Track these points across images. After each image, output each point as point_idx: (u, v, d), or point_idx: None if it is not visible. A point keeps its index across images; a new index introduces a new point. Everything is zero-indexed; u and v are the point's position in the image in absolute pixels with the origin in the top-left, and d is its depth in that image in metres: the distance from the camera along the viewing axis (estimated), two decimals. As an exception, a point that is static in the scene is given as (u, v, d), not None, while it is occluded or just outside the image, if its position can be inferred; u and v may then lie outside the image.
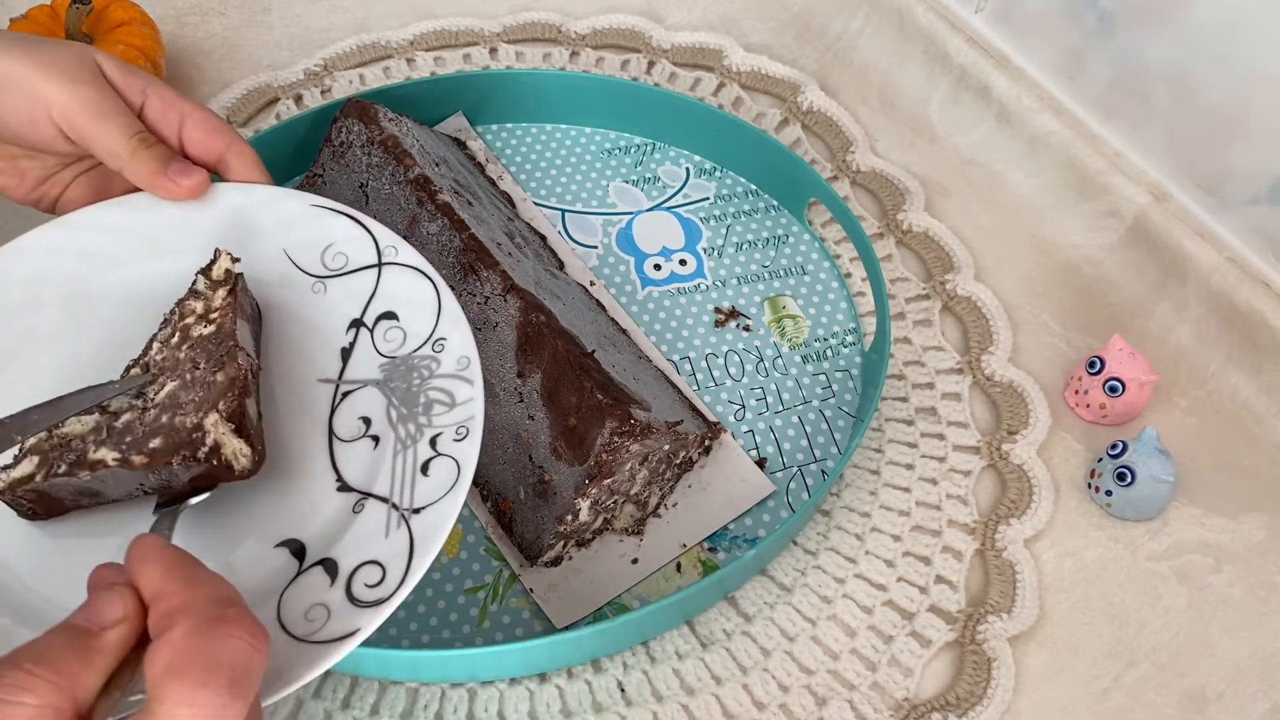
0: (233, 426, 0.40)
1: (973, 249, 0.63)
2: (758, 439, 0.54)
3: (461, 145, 0.64)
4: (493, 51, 0.71)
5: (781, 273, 0.61)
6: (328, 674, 0.46)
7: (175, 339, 0.43)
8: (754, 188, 0.65)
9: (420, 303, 0.46)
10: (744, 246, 0.62)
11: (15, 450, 0.40)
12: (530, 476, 0.48)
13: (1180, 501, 0.54)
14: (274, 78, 0.68)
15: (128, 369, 0.43)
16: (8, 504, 0.41)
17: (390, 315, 0.46)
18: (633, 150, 0.66)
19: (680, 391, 0.55)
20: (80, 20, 0.60)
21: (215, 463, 0.39)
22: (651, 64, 0.71)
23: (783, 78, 0.71)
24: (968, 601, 0.50)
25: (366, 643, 0.37)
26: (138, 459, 0.39)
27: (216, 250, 0.45)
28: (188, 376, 0.42)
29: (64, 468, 0.39)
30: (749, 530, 0.51)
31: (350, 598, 0.38)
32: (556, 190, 0.64)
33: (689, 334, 0.58)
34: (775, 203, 0.64)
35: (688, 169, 0.65)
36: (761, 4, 0.76)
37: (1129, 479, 0.51)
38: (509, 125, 0.67)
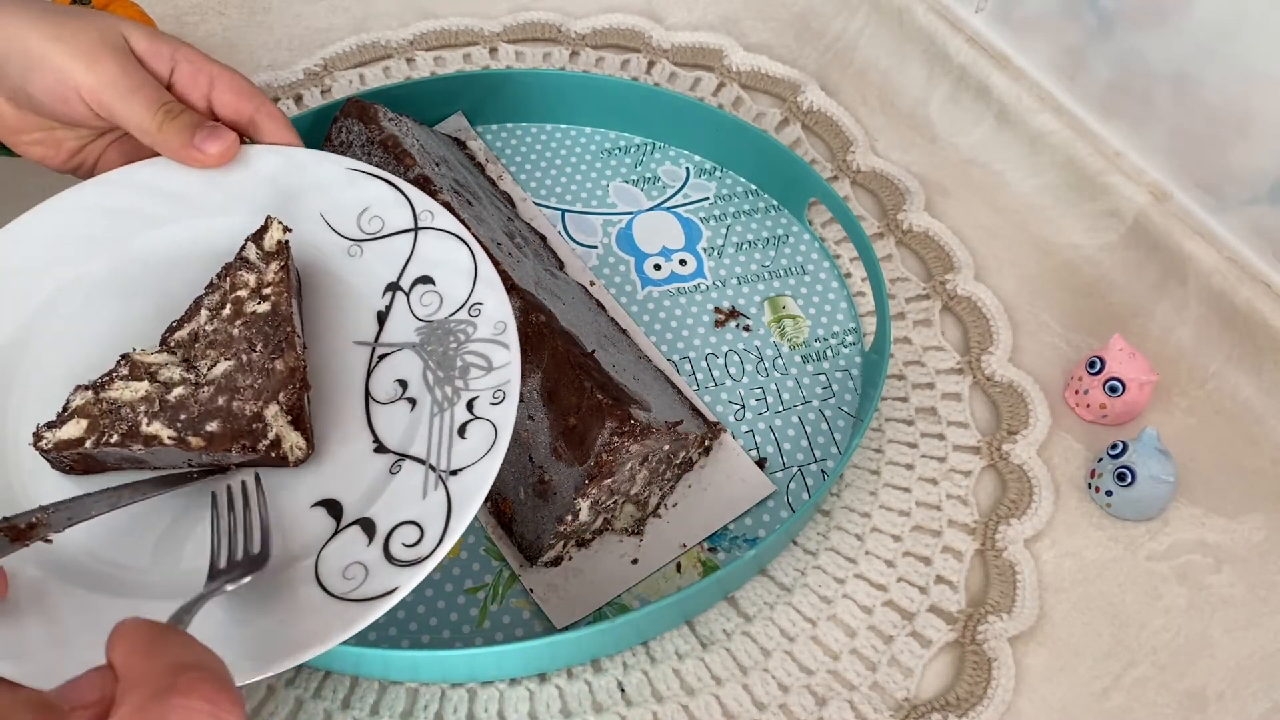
0: (291, 419, 0.41)
1: (973, 249, 0.63)
2: (758, 439, 0.54)
3: (461, 145, 0.64)
4: (493, 51, 0.71)
5: (781, 273, 0.61)
6: (328, 674, 0.46)
7: (227, 311, 0.43)
8: (754, 188, 0.65)
9: (457, 267, 0.46)
10: (744, 246, 0.62)
11: (60, 409, 0.41)
12: (530, 476, 0.48)
13: (1180, 501, 0.54)
14: (274, 77, 0.68)
15: (170, 329, 0.43)
16: (48, 460, 0.41)
17: (427, 279, 0.46)
18: (633, 150, 0.66)
19: (680, 391, 0.55)
20: (80, 20, 0.60)
21: (274, 455, 0.40)
22: (651, 64, 0.71)
23: (783, 77, 0.71)
24: (968, 602, 0.50)
25: (365, 641, 0.37)
26: (195, 441, 0.40)
27: (268, 218, 0.45)
28: (244, 358, 0.42)
29: (115, 437, 0.39)
30: (749, 530, 0.51)
31: (388, 556, 0.38)
32: (556, 190, 0.64)
33: (689, 334, 0.58)
34: (775, 203, 0.64)
35: (688, 169, 0.65)
36: (761, 4, 0.76)
37: (1129, 479, 0.51)
38: (509, 125, 0.67)
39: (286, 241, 0.45)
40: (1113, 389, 0.54)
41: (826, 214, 0.63)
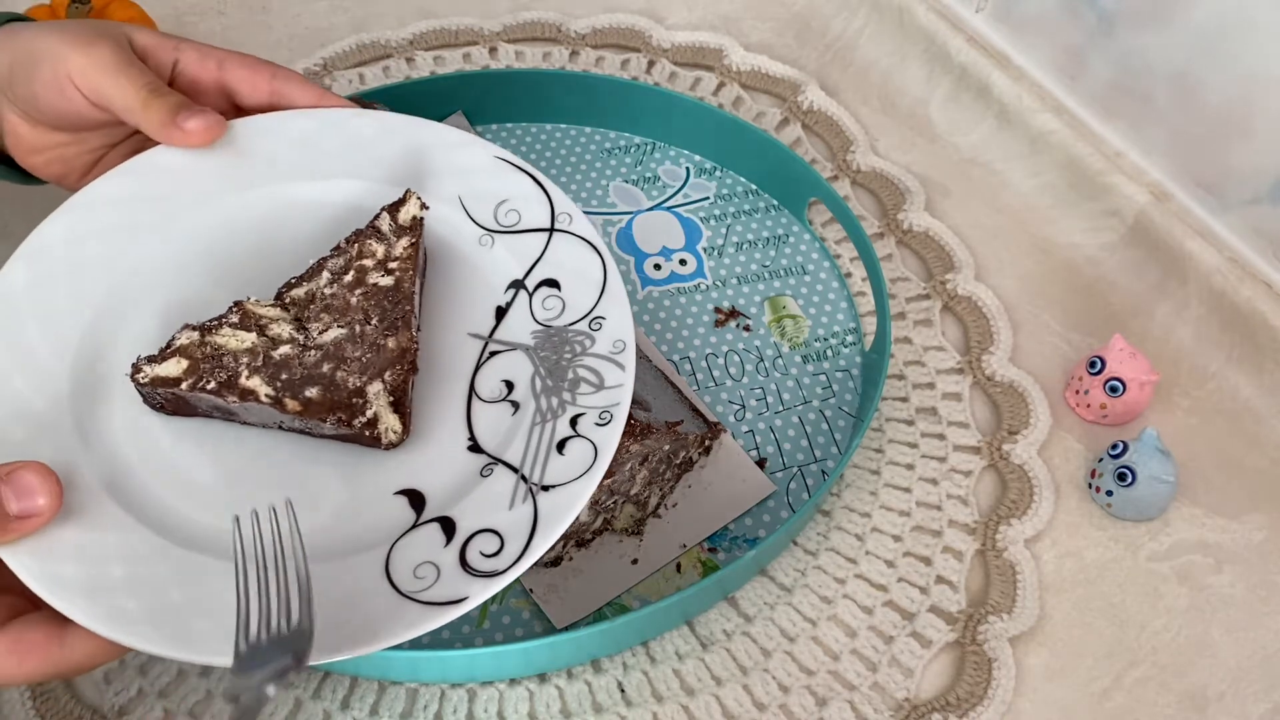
0: (393, 400, 0.40)
1: (973, 249, 0.63)
2: (758, 439, 0.54)
3: (461, 145, 0.64)
4: (492, 51, 0.71)
5: (782, 272, 0.61)
6: (326, 674, 0.46)
7: (349, 278, 0.42)
8: (754, 187, 0.65)
9: (585, 276, 0.45)
10: (744, 246, 0.62)
11: (163, 344, 0.40)
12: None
13: (1181, 502, 0.54)
14: (273, 77, 0.68)
15: (288, 285, 0.42)
16: (141, 393, 0.40)
17: (552, 283, 0.45)
18: (633, 150, 0.66)
19: (680, 391, 0.55)
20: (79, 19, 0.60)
21: (367, 434, 0.39)
22: (651, 63, 0.71)
23: (783, 77, 0.71)
24: (968, 602, 0.50)
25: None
26: (291, 403, 0.39)
27: (406, 192, 0.44)
28: (357, 329, 0.41)
29: (213, 384, 0.39)
30: (749, 530, 0.51)
31: (463, 563, 0.37)
32: (556, 190, 0.64)
33: (689, 334, 0.58)
34: (775, 202, 0.64)
35: (688, 169, 0.65)
36: (762, 3, 0.76)
37: (1130, 479, 0.51)
38: (509, 125, 0.67)
39: (422, 219, 0.44)
40: (1113, 389, 0.54)
41: (827, 214, 0.63)
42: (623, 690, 0.47)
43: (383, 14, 0.73)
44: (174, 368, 0.39)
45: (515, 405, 0.42)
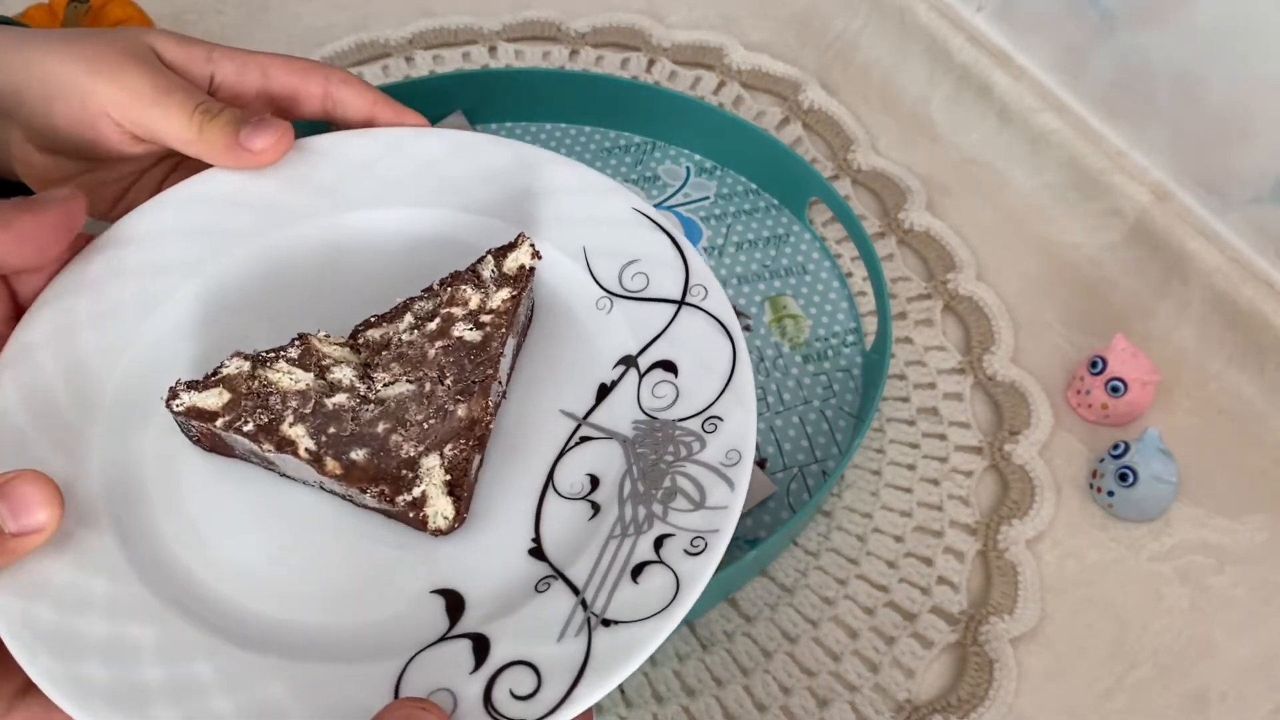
0: (448, 481, 0.34)
1: (974, 248, 0.63)
2: (758, 439, 0.54)
3: (461, 144, 0.64)
4: (492, 50, 0.71)
5: (782, 272, 0.61)
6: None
7: (433, 326, 0.36)
8: (754, 187, 0.65)
9: (709, 364, 0.37)
10: (744, 246, 0.62)
11: (209, 370, 0.35)
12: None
13: (1182, 502, 0.53)
14: (273, 76, 0.68)
15: (366, 324, 0.37)
16: (178, 423, 0.35)
17: (669, 366, 0.38)
18: (633, 149, 0.66)
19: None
20: (78, 19, 0.60)
21: (411, 515, 0.33)
22: (651, 62, 0.71)
23: (783, 76, 0.70)
24: (969, 602, 0.50)
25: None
26: (332, 464, 0.34)
27: (519, 236, 0.38)
28: (427, 387, 0.35)
29: (250, 426, 0.34)
30: (749, 531, 0.51)
31: (487, 700, 0.30)
32: (556, 189, 0.64)
33: (689, 334, 0.58)
34: (776, 202, 0.64)
35: (688, 168, 0.65)
36: (762, 2, 0.75)
37: (1131, 479, 0.51)
38: (508, 124, 0.67)
39: (532, 269, 0.37)
40: (1115, 389, 0.54)
41: (827, 213, 0.63)
42: (622, 691, 0.47)
43: (382, 13, 0.72)
44: (214, 399, 0.34)
45: (595, 508, 0.35)
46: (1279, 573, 0.52)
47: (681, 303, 0.39)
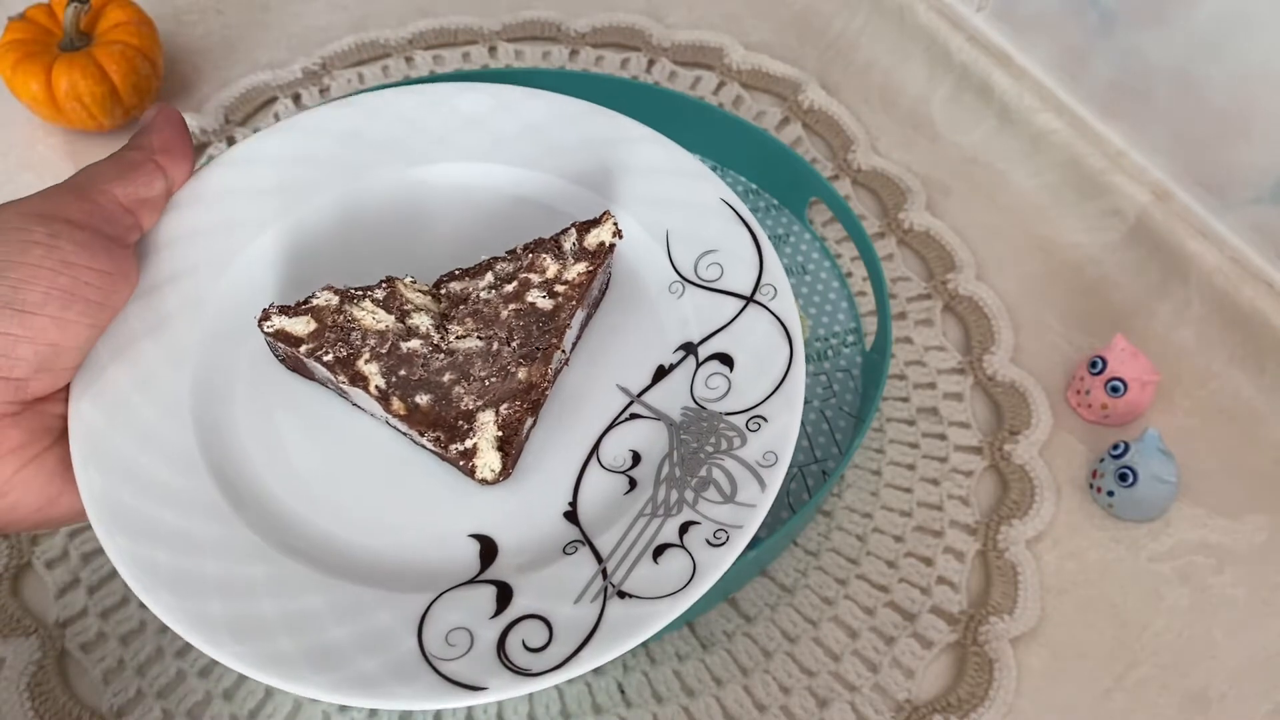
0: (499, 438, 0.36)
1: (974, 248, 0.63)
2: (758, 439, 0.54)
3: (461, 144, 0.64)
4: (492, 50, 0.71)
5: (782, 272, 0.61)
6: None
7: (510, 288, 0.38)
8: (754, 187, 0.65)
9: (765, 364, 0.39)
10: (744, 246, 0.62)
11: (301, 298, 0.38)
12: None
13: (1182, 502, 0.53)
14: (272, 77, 0.68)
15: (450, 276, 0.39)
16: (266, 342, 0.38)
17: (726, 359, 0.39)
18: (633, 149, 0.66)
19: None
20: (78, 19, 0.60)
21: (461, 463, 0.36)
22: (651, 62, 0.71)
23: (783, 76, 0.70)
24: (969, 602, 0.50)
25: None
26: (397, 404, 0.36)
27: (604, 213, 0.39)
28: (494, 346, 0.37)
29: (329, 356, 0.36)
30: (750, 531, 0.51)
31: (500, 646, 0.33)
32: (556, 189, 0.64)
33: (689, 334, 0.58)
34: (775, 202, 0.64)
35: (688, 168, 0.65)
36: (762, 2, 0.75)
37: (1131, 479, 0.51)
38: (508, 124, 0.67)
39: (612, 246, 0.39)
40: (1114, 389, 0.54)
41: (827, 213, 0.63)
42: (622, 691, 0.47)
43: (382, 13, 0.72)
44: (301, 326, 0.36)
45: (632, 484, 0.37)
46: (1279, 573, 0.52)
47: (750, 299, 0.40)
